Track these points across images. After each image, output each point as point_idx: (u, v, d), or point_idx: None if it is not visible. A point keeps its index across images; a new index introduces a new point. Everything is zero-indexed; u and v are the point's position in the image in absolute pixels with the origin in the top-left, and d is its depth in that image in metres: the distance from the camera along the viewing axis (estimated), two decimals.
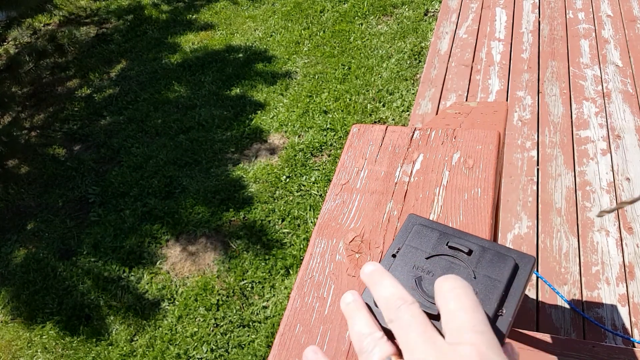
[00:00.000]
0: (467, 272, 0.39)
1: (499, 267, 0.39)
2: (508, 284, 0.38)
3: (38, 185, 3.07)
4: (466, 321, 0.31)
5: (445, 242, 0.41)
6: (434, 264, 0.40)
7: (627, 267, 1.97)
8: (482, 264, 0.40)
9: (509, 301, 0.37)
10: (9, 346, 2.34)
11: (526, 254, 0.41)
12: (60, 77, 4.01)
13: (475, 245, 0.41)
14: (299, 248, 2.46)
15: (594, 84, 2.84)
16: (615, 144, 2.47)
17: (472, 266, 0.40)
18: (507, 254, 0.40)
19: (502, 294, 0.37)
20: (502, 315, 0.36)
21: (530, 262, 0.40)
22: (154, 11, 4.67)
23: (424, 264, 0.40)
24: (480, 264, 0.40)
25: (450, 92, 2.95)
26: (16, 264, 2.65)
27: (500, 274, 0.39)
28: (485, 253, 0.40)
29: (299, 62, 3.70)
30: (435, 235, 0.42)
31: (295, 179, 2.82)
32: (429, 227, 0.43)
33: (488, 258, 0.40)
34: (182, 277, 2.46)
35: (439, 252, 0.41)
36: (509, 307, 0.37)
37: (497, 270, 0.39)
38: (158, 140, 3.22)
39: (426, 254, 0.41)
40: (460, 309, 0.32)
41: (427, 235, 0.42)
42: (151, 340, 2.23)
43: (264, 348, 2.13)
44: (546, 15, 3.43)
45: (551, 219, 2.18)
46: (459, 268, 0.40)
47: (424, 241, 0.42)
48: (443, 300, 0.34)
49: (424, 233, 0.43)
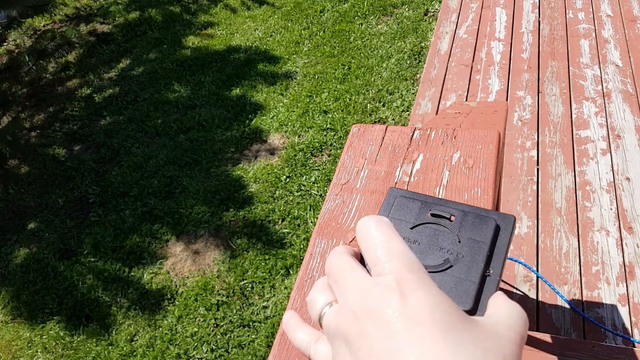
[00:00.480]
0: (452, 237, 0.40)
1: (481, 229, 0.40)
2: (492, 245, 0.39)
3: (38, 185, 3.07)
4: (382, 254, 0.31)
5: (428, 211, 0.42)
6: (418, 233, 0.41)
7: (627, 267, 1.97)
8: (465, 227, 0.40)
9: (495, 261, 0.38)
10: (9, 346, 2.34)
11: (506, 214, 0.42)
12: (60, 77, 4.01)
13: (457, 211, 0.42)
14: (299, 248, 2.46)
15: (594, 84, 2.84)
16: (615, 144, 2.47)
17: (455, 231, 0.40)
18: (488, 215, 0.41)
19: (487, 255, 0.38)
20: (490, 276, 0.37)
21: (511, 221, 0.41)
22: (154, 11, 4.67)
23: (409, 234, 0.41)
24: (463, 228, 0.40)
25: (450, 92, 2.95)
26: (16, 264, 2.65)
27: (483, 235, 0.39)
28: (467, 217, 0.41)
29: (299, 62, 3.70)
30: (417, 206, 0.43)
31: (295, 178, 2.82)
32: (411, 199, 0.44)
33: (470, 221, 0.41)
34: (182, 277, 2.46)
35: (422, 221, 0.42)
36: (495, 267, 0.38)
37: (480, 232, 0.40)
38: (158, 140, 3.22)
39: (410, 224, 0.42)
40: (375, 244, 0.32)
41: (409, 207, 0.43)
42: (151, 340, 2.24)
43: (264, 348, 2.13)
44: (546, 15, 3.43)
45: (551, 218, 2.18)
46: (443, 234, 0.41)
47: (407, 212, 0.43)
48: (359, 241, 0.34)
49: (406, 204, 0.44)
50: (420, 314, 0.28)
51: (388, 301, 0.29)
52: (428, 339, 0.27)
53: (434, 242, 0.40)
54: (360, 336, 0.29)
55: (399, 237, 0.33)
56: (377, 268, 0.31)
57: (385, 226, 0.33)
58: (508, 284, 1.97)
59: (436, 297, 0.29)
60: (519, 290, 1.95)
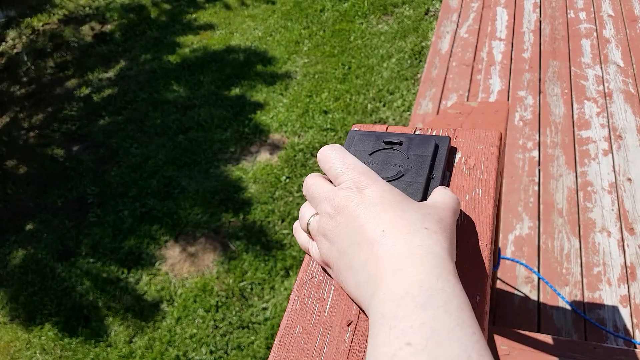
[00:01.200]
0: (402, 156, 0.51)
1: (424, 147, 0.52)
2: (433, 157, 0.51)
3: (36, 185, 3.06)
4: (339, 166, 0.41)
5: (382, 140, 0.53)
6: (375, 157, 0.52)
7: (628, 268, 1.96)
8: (412, 148, 0.52)
9: (436, 168, 0.50)
10: (7, 347, 2.33)
11: (442, 135, 0.54)
12: (59, 77, 4.00)
13: (404, 137, 0.53)
14: (298, 249, 2.44)
15: (595, 84, 2.83)
16: (617, 144, 2.46)
17: (404, 151, 0.51)
18: (429, 138, 0.53)
19: (430, 164, 0.50)
20: (434, 178, 0.49)
21: (447, 140, 0.53)
22: (153, 11, 4.66)
23: (368, 159, 0.52)
24: (410, 148, 0.52)
25: (451, 92, 2.94)
26: (14, 265, 2.64)
27: (426, 151, 0.51)
28: (413, 140, 0.53)
29: (299, 62, 3.69)
30: (373, 138, 0.54)
31: (295, 179, 2.81)
32: (367, 134, 0.55)
33: (415, 143, 0.52)
34: (181, 278, 2.45)
35: (378, 148, 0.53)
36: (436, 173, 0.50)
37: (423, 149, 0.51)
38: (157, 141, 3.21)
39: (368, 152, 0.53)
40: (333, 162, 0.42)
41: (367, 140, 0.54)
42: (150, 341, 2.22)
43: (264, 350, 2.12)
44: (547, 15, 3.42)
45: (552, 219, 2.17)
46: (395, 154, 0.52)
47: (365, 144, 0.54)
48: (321, 165, 0.44)
49: (363, 139, 0.55)
50: (374, 199, 0.38)
51: (350, 197, 0.39)
52: (381, 212, 0.37)
53: (388, 161, 0.51)
54: (335, 228, 0.39)
55: (349, 154, 0.43)
56: (339, 179, 0.41)
57: (338, 147, 0.43)
58: (509, 285, 1.96)
59: (385, 187, 0.39)
60: (520, 292, 1.93)
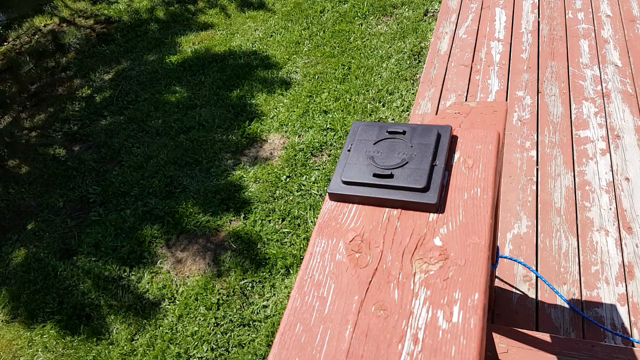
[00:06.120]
0: (406, 144, 0.54)
1: (427, 136, 0.54)
2: (436, 145, 0.54)
3: (38, 185, 3.08)
4: None
5: (385, 130, 0.57)
6: (380, 145, 0.55)
7: (626, 266, 1.98)
8: (415, 137, 0.55)
9: (439, 156, 0.53)
10: (9, 345, 2.34)
11: (444, 125, 0.57)
12: (60, 77, 4.01)
13: (407, 127, 0.57)
14: (299, 247, 2.46)
15: (593, 84, 2.84)
16: (615, 144, 2.48)
17: (408, 140, 0.55)
18: (431, 127, 0.56)
19: (433, 152, 0.53)
20: (437, 165, 0.52)
21: (448, 129, 0.56)
22: (155, 11, 4.68)
23: (372, 148, 0.55)
24: (413, 137, 0.55)
25: (450, 92, 2.95)
26: (17, 264, 2.65)
27: (429, 139, 0.54)
28: (416, 130, 0.56)
29: (299, 62, 3.70)
30: (377, 129, 0.58)
31: (295, 178, 2.82)
32: (371, 125, 0.59)
33: (418, 132, 0.55)
34: (183, 276, 2.47)
35: (382, 137, 0.56)
36: (439, 160, 0.53)
37: (426, 138, 0.54)
38: (158, 140, 3.23)
39: (373, 141, 0.56)
40: None
41: (371, 131, 0.57)
42: (152, 339, 2.24)
43: (264, 347, 2.14)
44: (546, 16, 3.44)
45: (550, 218, 2.19)
46: (399, 143, 0.55)
47: (369, 134, 0.57)
48: None
49: (367, 130, 0.58)
50: None
51: None
52: None
53: (392, 150, 0.54)
54: None
55: None
56: None
57: None
58: (507, 283, 1.98)
59: None
60: (519, 290, 1.95)
